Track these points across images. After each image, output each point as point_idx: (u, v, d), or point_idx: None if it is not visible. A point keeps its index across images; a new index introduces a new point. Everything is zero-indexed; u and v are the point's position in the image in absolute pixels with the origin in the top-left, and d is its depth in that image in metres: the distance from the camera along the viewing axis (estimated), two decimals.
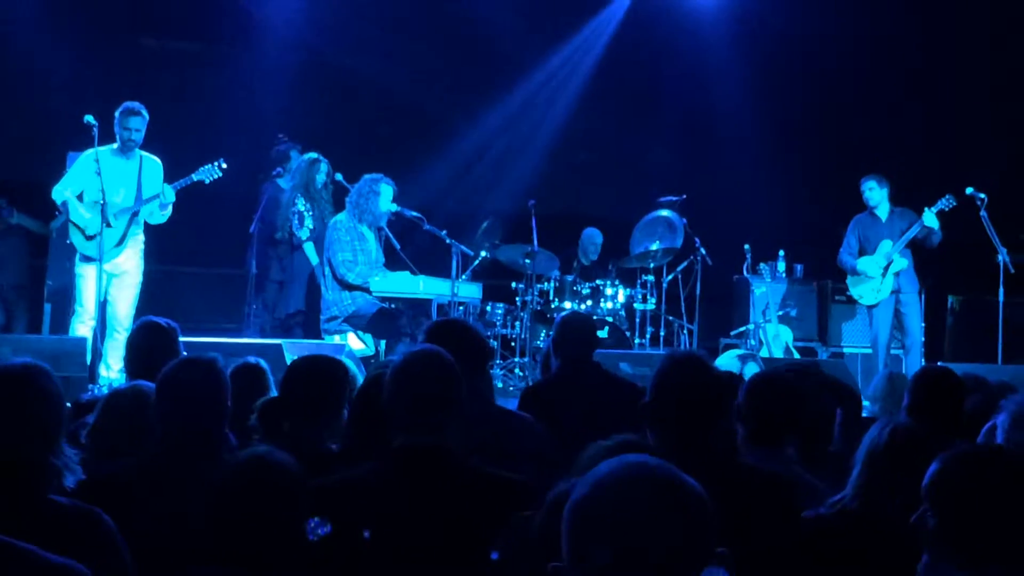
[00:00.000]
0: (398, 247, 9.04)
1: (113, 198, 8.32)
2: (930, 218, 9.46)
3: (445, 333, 4.14)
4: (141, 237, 8.52)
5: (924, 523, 2.56)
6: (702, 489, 1.77)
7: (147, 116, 8.36)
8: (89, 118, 8.09)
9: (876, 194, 9.73)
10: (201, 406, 3.53)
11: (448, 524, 3.09)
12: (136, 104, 8.35)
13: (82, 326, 8.24)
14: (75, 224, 8.35)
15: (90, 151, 8.26)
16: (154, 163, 8.53)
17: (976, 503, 2.49)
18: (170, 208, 8.50)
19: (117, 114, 8.33)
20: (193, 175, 8.54)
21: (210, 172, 8.59)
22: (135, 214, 8.41)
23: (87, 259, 8.29)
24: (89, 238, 8.26)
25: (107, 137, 8.33)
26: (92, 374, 7.81)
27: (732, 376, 4.25)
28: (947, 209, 9.45)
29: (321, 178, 9.49)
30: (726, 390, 3.45)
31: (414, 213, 8.95)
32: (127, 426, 3.81)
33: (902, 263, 9.62)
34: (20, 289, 10.78)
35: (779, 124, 12.08)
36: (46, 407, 2.80)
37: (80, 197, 8.35)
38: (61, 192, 8.37)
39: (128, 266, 8.43)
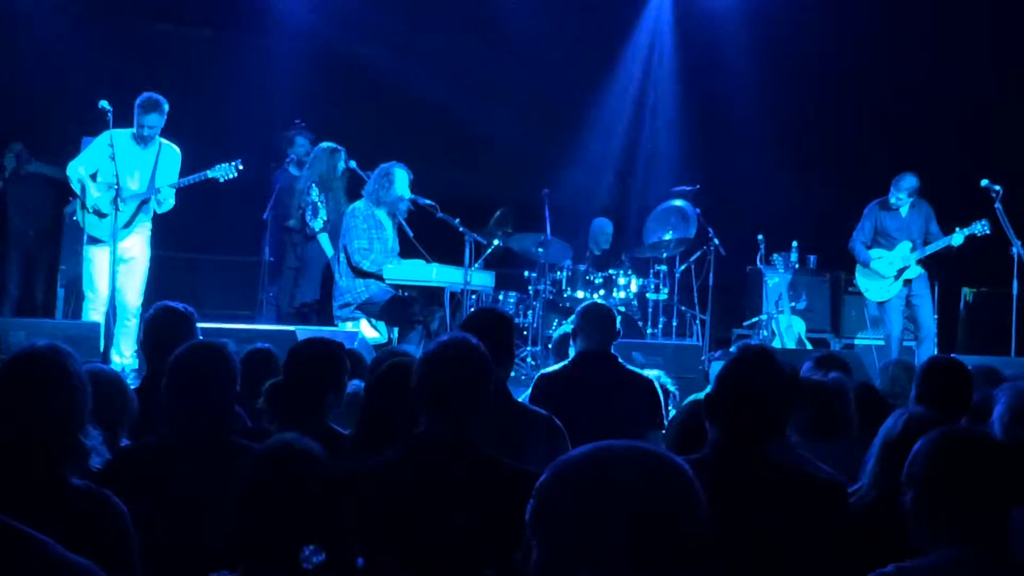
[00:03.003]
0: (411, 235, 9.05)
1: (127, 183, 8.31)
2: (959, 240, 9.38)
3: (482, 323, 4.22)
4: (149, 225, 8.49)
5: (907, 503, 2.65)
6: (681, 467, 1.69)
7: (167, 108, 8.29)
8: (104, 103, 8.07)
9: (903, 198, 9.64)
10: (210, 390, 3.55)
11: (465, 514, 3.09)
12: (157, 97, 8.27)
13: (95, 312, 8.24)
14: (83, 203, 8.32)
15: (106, 133, 8.24)
16: (172, 152, 8.49)
17: (943, 482, 2.57)
18: (167, 204, 8.41)
19: (137, 105, 8.27)
20: (208, 172, 8.48)
21: (226, 171, 8.52)
22: (144, 201, 8.38)
23: (94, 240, 8.28)
24: (96, 213, 8.23)
25: (121, 122, 8.31)
26: (105, 360, 7.83)
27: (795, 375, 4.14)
28: (979, 235, 9.35)
29: (341, 166, 9.49)
30: (792, 390, 3.34)
31: (428, 201, 8.94)
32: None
33: (916, 271, 9.55)
34: (43, 236, 10.69)
35: (793, 114, 12.03)
36: (67, 388, 2.80)
37: (93, 177, 8.33)
38: (76, 168, 8.35)
39: (135, 252, 8.40)
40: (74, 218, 8.49)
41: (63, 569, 2.14)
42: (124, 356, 8.09)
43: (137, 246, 8.41)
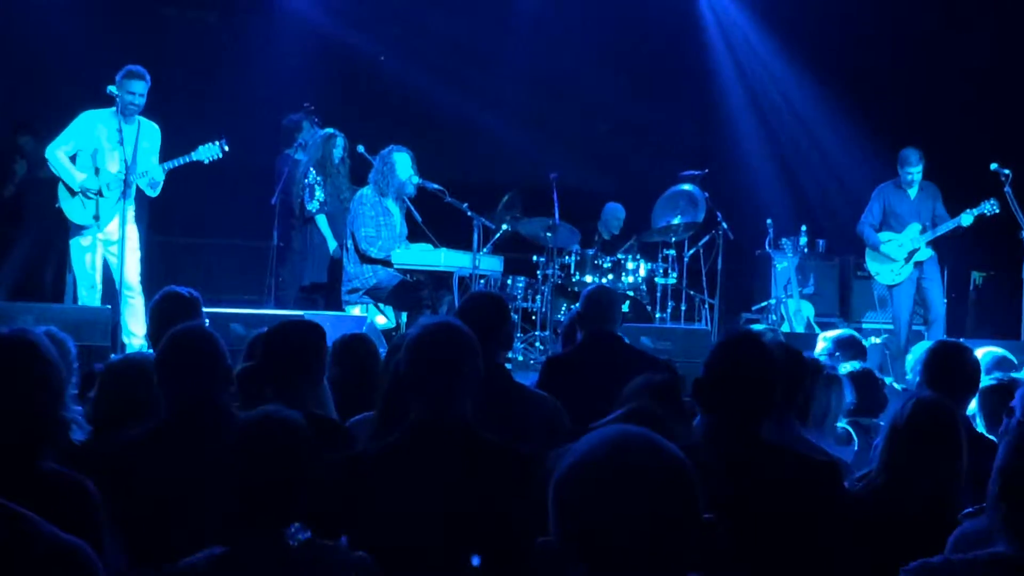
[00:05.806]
0: (420, 219, 9.04)
1: (109, 165, 8.11)
2: (968, 220, 9.30)
3: (476, 306, 4.22)
4: (133, 205, 8.16)
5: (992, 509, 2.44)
6: (680, 457, 1.70)
7: (150, 81, 8.07)
8: (112, 89, 7.95)
9: (914, 172, 9.56)
10: (198, 374, 3.54)
11: (459, 495, 3.10)
12: (140, 68, 8.07)
13: (97, 302, 8.16)
14: (68, 187, 8.10)
15: (84, 114, 8.10)
16: (153, 129, 8.25)
17: (1001, 477, 2.41)
18: (160, 186, 8.22)
19: (119, 77, 8.01)
20: (192, 154, 8.23)
21: (210, 152, 8.25)
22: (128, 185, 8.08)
23: (79, 229, 8.12)
24: (84, 194, 8.08)
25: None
26: (114, 344, 7.80)
27: (796, 359, 4.04)
28: (988, 214, 9.26)
29: (338, 153, 9.44)
30: (780, 375, 3.29)
31: (436, 186, 8.92)
32: (127, 398, 3.82)
33: (927, 253, 9.47)
34: (59, 222, 10.59)
35: (804, 98, 12.01)
36: (38, 370, 2.74)
37: (73, 159, 8.11)
38: (54, 151, 8.13)
39: (127, 231, 8.08)
40: (56, 206, 8.23)
41: (52, 546, 2.17)
42: (137, 335, 7.93)
43: (127, 225, 8.09)
